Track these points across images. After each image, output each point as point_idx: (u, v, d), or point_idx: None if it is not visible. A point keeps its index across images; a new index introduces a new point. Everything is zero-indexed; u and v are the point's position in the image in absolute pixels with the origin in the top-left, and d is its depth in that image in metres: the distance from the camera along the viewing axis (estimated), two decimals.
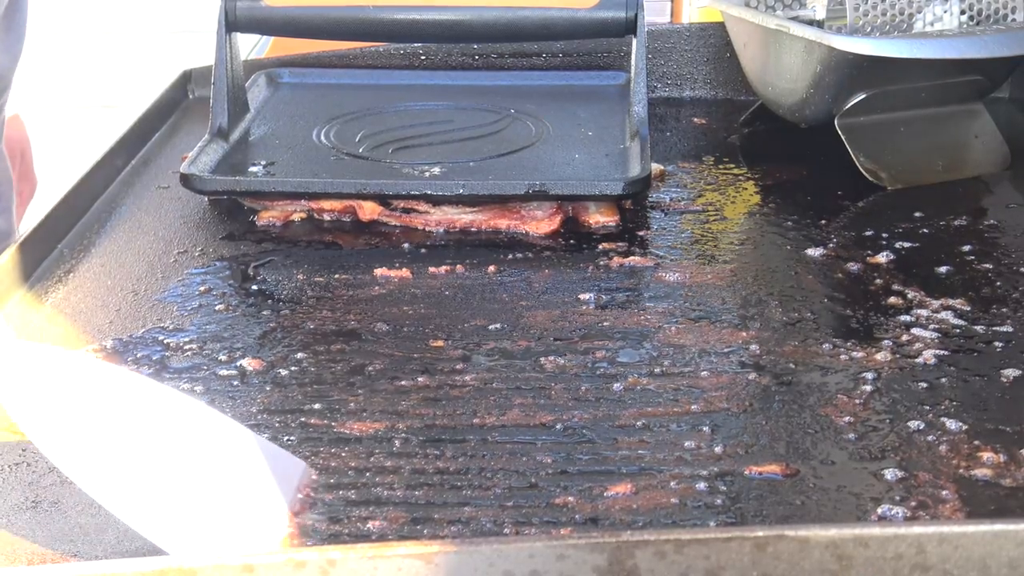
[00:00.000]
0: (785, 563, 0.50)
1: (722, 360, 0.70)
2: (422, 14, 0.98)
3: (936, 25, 0.96)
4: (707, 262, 0.83)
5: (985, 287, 0.78)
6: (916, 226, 0.88)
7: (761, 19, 1.00)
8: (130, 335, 0.73)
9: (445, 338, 0.73)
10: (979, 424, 0.63)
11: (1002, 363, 0.69)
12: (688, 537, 0.50)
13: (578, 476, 0.60)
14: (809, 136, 1.03)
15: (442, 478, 0.59)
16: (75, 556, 0.54)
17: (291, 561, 0.49)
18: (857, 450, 0.61)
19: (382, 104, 1.07)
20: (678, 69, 1.18)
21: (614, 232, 0.88)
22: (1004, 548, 0.51)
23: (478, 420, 0.64)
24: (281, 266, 0.83)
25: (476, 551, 0.50)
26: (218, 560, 0.50)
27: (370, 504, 0.58)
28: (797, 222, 0.89)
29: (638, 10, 0.98)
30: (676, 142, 1.07)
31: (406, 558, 0.50)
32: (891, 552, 0.51)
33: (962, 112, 1.00)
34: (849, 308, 0.76)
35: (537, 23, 0.99)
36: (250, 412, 0.65)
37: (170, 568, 0.49)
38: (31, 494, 0.59)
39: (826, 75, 0.94)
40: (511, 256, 0.84)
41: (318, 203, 0.90)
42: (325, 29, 0.99)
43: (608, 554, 0.50)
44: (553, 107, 1.06)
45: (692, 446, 0.62)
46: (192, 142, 0.97)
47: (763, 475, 0.60)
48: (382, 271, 0.81)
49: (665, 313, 0.76)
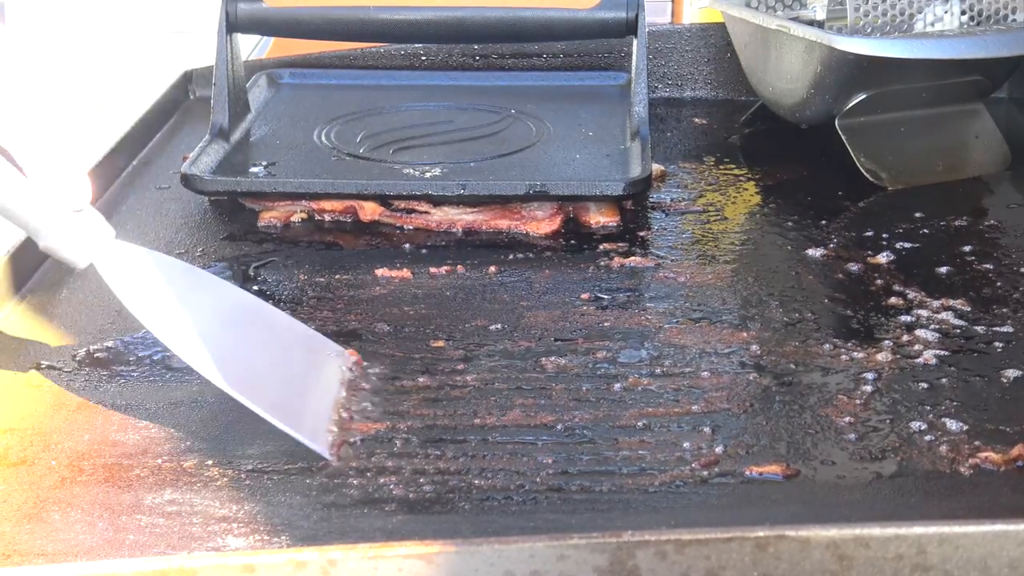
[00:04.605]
0: (786, 563, 0.50)
1: (723, 360, 0.70)
2: (422, 14, 0.98)
3: (937, 25, 0.96)
4: (708, 262, 0.83)
5: (985, 287, 0.78)
6: (916, 226, 0.88)
7: (762, 19, 1.00)
8: (131, 335, 0.73)
9: (446, 338, 0.73)
10: (979, 424, 0.63)
11: (1002, 363, 0.69)
12: (689, 537, 0.50)
13: (579, 476, 0.60)
14: (809, 136, 1.03)
15: (443, 478, 0.59)
16: (75, 555, 0.54)
17: (292, 561, 0.49)
18: (858, 450, 0.61)
19: (383, 104, 1.07)
20: (679, 69, 1.18)
21: (615, 232, 0.88)
22: (1005, 548, 0.51)
23: (479, 420, 0.64)
24: (282, 266, 0.83)
25: (476, 551, 0.50)
26: (218, 560, 0.50)
27: (370, 503, 0.58)
28: (797, 222, 0.89)
29: (639, 10, 0.98)
30: (677, 142, 1.07)
31: (406, 558, 0.50)
32: (892, 552, 0.51)
33: (962, 112, 1.00)
34: (849, 308, 0.76)
35: (537, 23, 0.99)
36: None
37: (170, 568, 0.49)
38: (32, 494, 0.59)
39: (826, 75, 0.94)
40: (512, 256, 0.84)
41: (319, 203, 0.90)
42: (326, 30, 0.99)
43: (609, 554, 0.50)
44: (553, 107, 1.06)
45: (693, 446, 0.62)
46: (193, 142, 0.97)
47: (764, 475, 0.60)
48: (383, 271, 0.81)
49: (666, 313, 0.76)
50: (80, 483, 0.59)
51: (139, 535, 0.55)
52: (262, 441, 0.62)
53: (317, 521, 0.57)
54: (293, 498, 0.58)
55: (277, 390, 0.63)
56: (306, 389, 0.65)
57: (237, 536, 0.55)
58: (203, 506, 0.57)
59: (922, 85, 0.96)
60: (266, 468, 0.60)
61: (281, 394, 0.63)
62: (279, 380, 0.64)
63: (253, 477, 0.60)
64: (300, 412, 0.62)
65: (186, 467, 0.60)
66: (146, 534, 0.55)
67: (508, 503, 0.58)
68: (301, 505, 0.58)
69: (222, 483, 0.59)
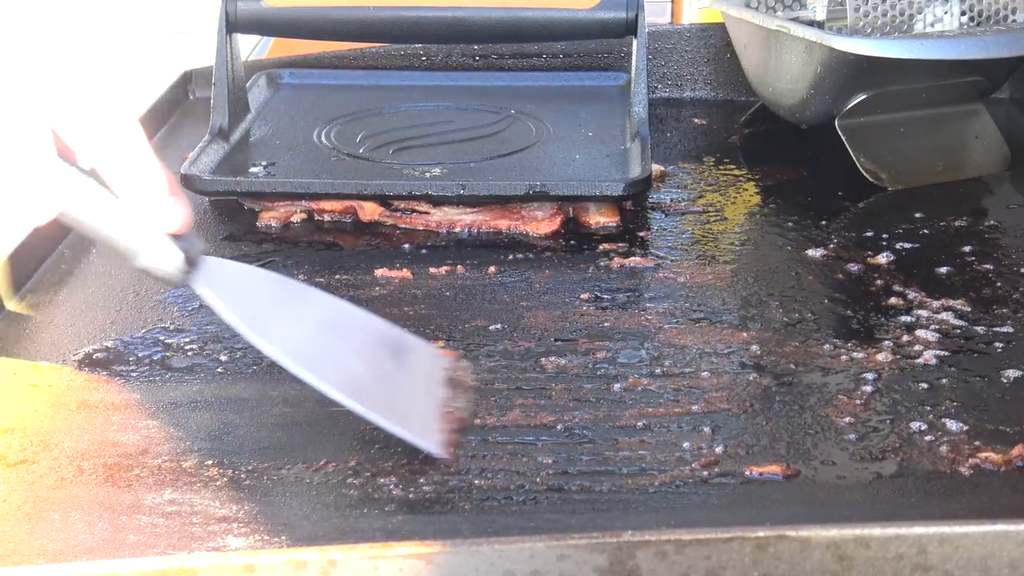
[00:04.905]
0: (786, 563, 0.51)
1: (723, 361, 0.70)
2: (422, 14, 0.98)
3: (936, 26, 0.96)
4: (708, 263, 0.83)
5: (985, 288, 0.78)
6: (916, 227, 0.88)
7: (761, 20, 1.00)
8: (131, 335, 0.73)
9: (446, 339, 0.73)
10: (979, 425, 0.63)
11: (1002, 364, 0.69)
12: (689, 537, 0.51)
13: (579, 476, 0.60)
14: (809, 137, 1.03)
15: (443, 478, 0.59)
16: (75, 555, 0.54)
17: (292, 561, 0.49)
18: (858, 451, 0.61)
19: (382, 105, 1.07)
20: (678, 70, 1.18)
21: (615, 233, 0.88)
22: (1005, 548, 0.51)
23: (479, 421, 0.64)
24: (282, 266, 0.83)
25: (476, 551, 0.50)
26: (218, 560, 0.50)
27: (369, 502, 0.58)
28: (797, 223, 0.89)
29: (638, 11, 0.98)
30: (676, 143, 1.07)
31: (407, 558, 0.50)
32: (892, 552, 0.51)
33: (962, 112, 1.00)
34: (849, 309, 0.76)
35: (537, 23, 0.99)
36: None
37: (170, 568, 0.50)
38: (32, 494, 0.59)
39: (826, 76, 0.94)
40: (512, 257, 0.84)
41: (319, 204, 0.90)
42: (325, 29, 0.99)
43: (609, 554, 0.50)
44: (553, 108, 1.06)
45: (693, 446, 0.62)
46: (192, 143, 0.97)
47: (764, 475, 0.60)
48: (383, 272, 0.81)
49: (666, 314, 0.76)
50: (80, 483, 0.59)
51: (139, 535, 0.55)
52: (262, 441, 0.62)
53: (317, 521, 0.57)
54: (293, 498, 0.58)
55: (386, 394, 0.63)
56: (412, 391, 0.65)
57: (237, 536, 0.55)
58: (203, 506, 0.57)
59: (922, 85, 0.96)
60: (266, 468, 0.60)
61: (391, 398, 0.63)
62: (387, 384, 0.64)
63: (253, 477, 0.60)
64: (410, 414, 0.62)
65: (186, 467, 0.60)
66: (146, 534, 0.55)
67: (508, 503, 0.58)
68: (301, 505, 0.58)
69: (222, 483, 0.59)
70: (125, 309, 0.77)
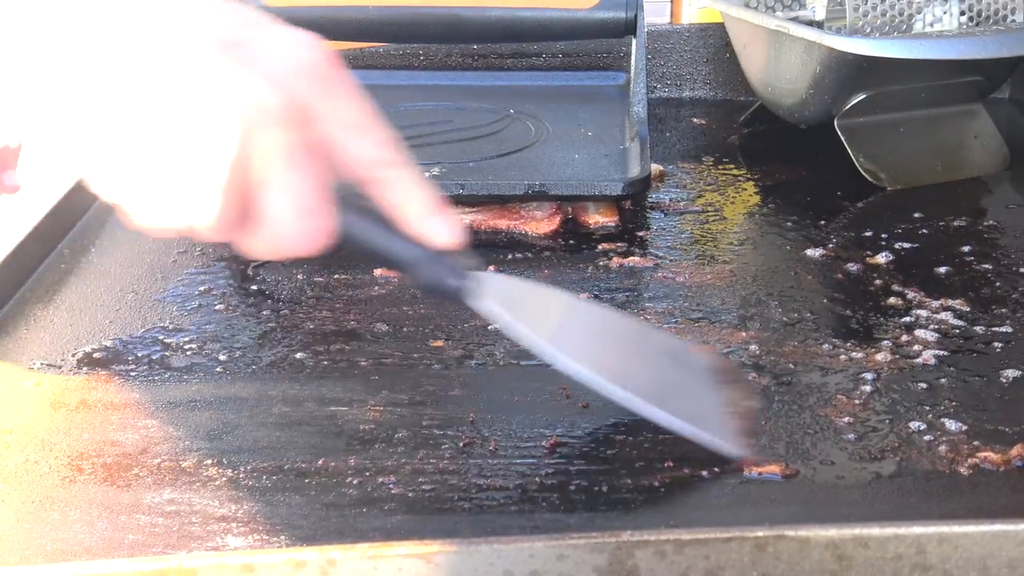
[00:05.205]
0: (785, 563, 0.51)
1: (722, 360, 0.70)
2: (422, 14, 0.98)
3: (936, 26, 0.96)
4: (707, 262, 0.83)
5: (984, 288, 0.78)
6: (915, 226, 0.88)
7: (761, 20, 1.00)
8: (130, 334, 0.73)
9: (445, 338, 0.73)
10: (979, 424, 0.63)
11: (1001, 363, 0.69)
12: (688, 537, 0.51)
13: (578, 476, 0.59)
14: (809, 137, 1.03)
15: (442, 478, 0.59)
16: (74, 555, 0.54)
17: (291, 561, 0.49)
18: (857, 450, 0.61)
19: (382, 104, 1.06)
20: (678, 69, 1.18)
21: (614, 232, 0.88)
22: (1004, 548, 0.51)
23: (475, 419, 0.64)
24: (280, 266, 0.83)
25: (476, 551, 0.50)
26: (217, 560, 0.50)
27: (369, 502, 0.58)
28: (797, 222, 0.89)
29: (638, 10, 0.98)
30: (676, 142, 1.07)
31: (406, 558, 0.50)
32: (891, 552, 0.51)
33: (961, 112, 1.00)
34: (849, 308, 0.76)
35: (537, 23, 0.99)
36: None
37: (170, 568, 0.50)
38: (32, 494, 0.59)
39: (826, 76, 0.94)
40: (511, 256, 0.84)
41: None
42: (325, 29, 0.99)
43: (608, 554, 0.50)
44: (553, 107, 1.06)
45: (692, 446, 0.62)
46: None
47: (763, 475, 0.60)
48: (382, 271, 0.81)
49: (665, 313, 0.76)
50: (80, 483, 0.60)
51: (138, 534, 0.55)
52: (261, 441, 0.62)
53: (316, 521, 0.57)
54: (292, 498, 0.58)
55: (683, 401, 0.63)
56: (701, 394, 0.65)
57: (236, 536, 0.55)
58: (202, 506, 0.57)
59: (921, 85, 0.96)
60: (265, 468, 0.60)
61: (688, 404, 0.63)
62: (679, 391, 0.64)
63: (252, 477, 0.60)
64: (707, 418, 0.62)
65: (185, 467, 0.61)
66: (145, 533, 0.55)
67: (507, 503, 0.58)
68: (300, 505, 0.58)
69: (221, 483, 0.59)
70: (124, 308, 0.77)
